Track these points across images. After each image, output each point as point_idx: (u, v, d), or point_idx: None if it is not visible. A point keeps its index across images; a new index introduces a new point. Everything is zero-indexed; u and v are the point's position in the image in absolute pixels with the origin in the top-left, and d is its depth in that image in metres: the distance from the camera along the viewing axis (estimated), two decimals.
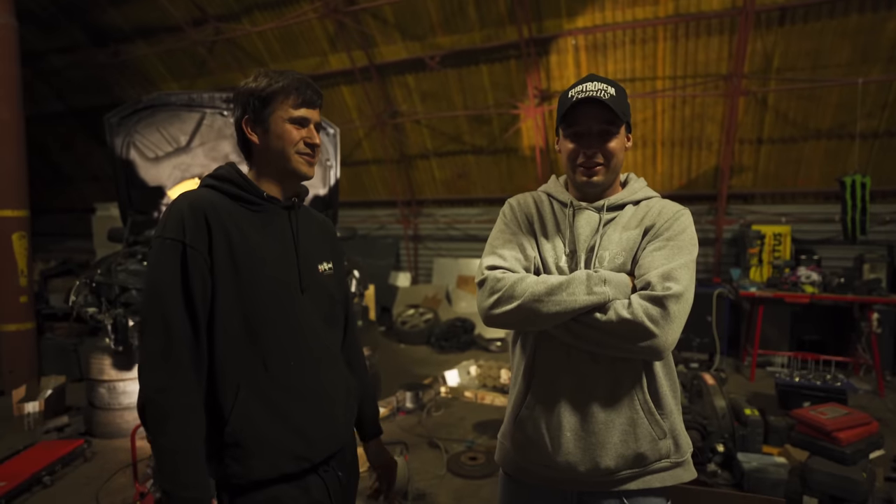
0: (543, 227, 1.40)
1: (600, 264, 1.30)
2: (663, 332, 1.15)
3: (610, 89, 1.28)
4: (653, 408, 1.27)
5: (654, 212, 1.33)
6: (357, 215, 8.66)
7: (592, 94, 1.26)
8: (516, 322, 1.28)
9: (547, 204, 1.44)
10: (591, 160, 1.31)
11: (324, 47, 7.05)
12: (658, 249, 1.24)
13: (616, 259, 1.30)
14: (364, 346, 4.51)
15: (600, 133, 1.29)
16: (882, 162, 5.60)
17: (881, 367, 4.85)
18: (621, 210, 1.37)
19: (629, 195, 1.39)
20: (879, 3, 4.83)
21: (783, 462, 3.17)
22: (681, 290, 1.16)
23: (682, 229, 1.28)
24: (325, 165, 4.03)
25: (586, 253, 1.33)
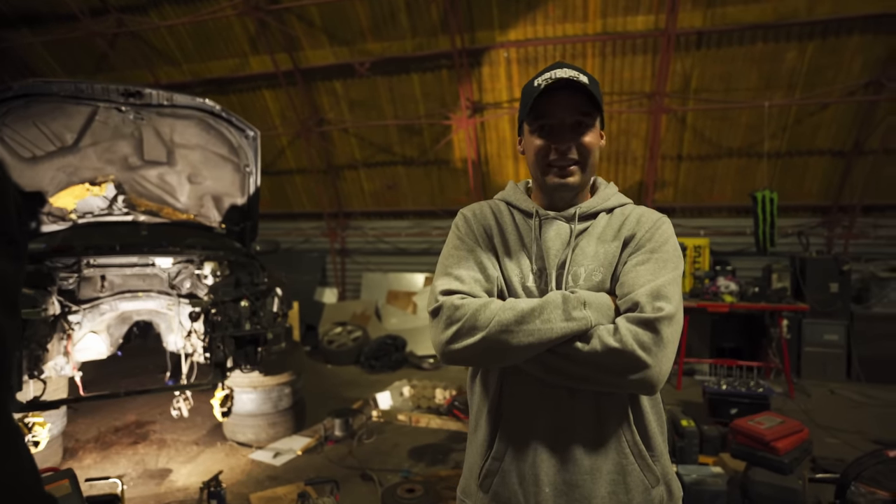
0: (505, 241, 1.19)
1: (574, 282, 1.11)
2: (657, 362, 0.97)
3: (582, 77, 1.09)
4: (643, 450, 1.08)
5: (632, 220, 1.15)
6: (280, 228, 8.13)
7: (564, 80, 1.07)
8: (481, 358, 1.06)
9: (507, 214, 1.22)
10: (564, 157, 1.11)
11: (244, 48, 6.57)
12: (642, 263, 1.07)
13: (593, 276, 1.11)
14: (287, 370, 4.12)
15: (574, 125, 1.10)
16: (784, 180, 6.05)
17: (789, 370, 5.15)
18: (594, 219, 1.18)
19: (602, 202, 1.19)
20: (780, 35, 5.22)
21: (720, 472, 3.18)
22: (673, 310, 1.00)
23: (665, 239, 1.12)
24: (244, 171, 3.64)
25: (557, 270, 1.13)
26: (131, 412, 4.71)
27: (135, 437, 4.20)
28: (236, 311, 3.21)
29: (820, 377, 5.58)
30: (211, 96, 7.12)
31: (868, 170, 5.69)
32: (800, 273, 5.73)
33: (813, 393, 5.19)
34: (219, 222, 3.93)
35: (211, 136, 3.42)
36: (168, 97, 3.11)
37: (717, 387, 4.21)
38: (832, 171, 5.93)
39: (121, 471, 3.63)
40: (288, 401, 4.16)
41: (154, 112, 3.15)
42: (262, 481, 3.50)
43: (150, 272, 3.63)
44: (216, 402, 3.58)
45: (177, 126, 3.29)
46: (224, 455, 3.91)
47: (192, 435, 4.26)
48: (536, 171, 1.16)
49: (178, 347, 3.71)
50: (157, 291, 3.63)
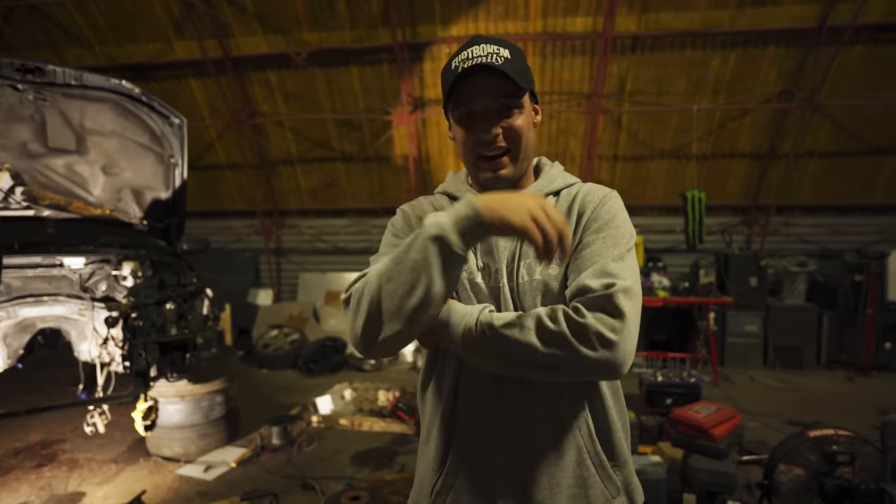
0: None
1: (529, 276, 1.01)
2: (622, 339, 0.86)
3: (503, 51, 0.99)
4: (604, 460, 1.01)
5: (578, 201, 1.05)
6: (210, 226, 7.63)
7: (482, 61, 0.96)
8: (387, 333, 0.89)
9: (448, 206, 1.11)
10: (492, 148, 1.01)
11: (167, 32, 6.09)
12: (588, 246, 0.98)
13: (549, 267, 1.01)
14: (219, 378, 3.84)
15: (500, 109, 0.99)
16: (710, 181, 6.41)
17: (716, 360, 5.46)
18: None
19: (547, 184, 1.10)
20: (706, 43, 5.53)
21: (660, 461, 3.28)
22: (627, 284, 0.90)
23: (613, 215, 1.02)
24: (168, 163, 3.34)
25: (507, 264, 1.03)
26: (36, 431, 4.22)
27: (39, 459, 3.75)
28: (160, 314, 2.92)
29: (741, 365, 5.96)
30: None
31: (781, 172, 6.14)
32: (724, 268, 6.10)
33: (736, 380, 5.53)
34: (140, 218, 3.58)
35: (129, 123, 3.10)
36: (77, 76, 2.77)
37: (653, 378, 4.38)
38: (751, 173, 6.35)
39: (22, 498, 3.23)
40: (220, 410, 3.88)
41: (59, 93, 2.80)
42: (191, 498, 3.23)
43: (57, 274, 3.23)
44: (138, 414, 3.25)
45: (88, 110, 2.95)
46: (147, 472, 3.57)
47: (109, 452, 3.86)
48: (467, 164, 1.07)
49: (93, 357, 3.33)
50: (65, 295, 3.24)
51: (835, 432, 2.76)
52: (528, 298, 1.01)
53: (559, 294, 1.00)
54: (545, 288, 1.00)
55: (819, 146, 6.06)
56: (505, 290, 1.02)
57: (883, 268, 5.70)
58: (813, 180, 6.32)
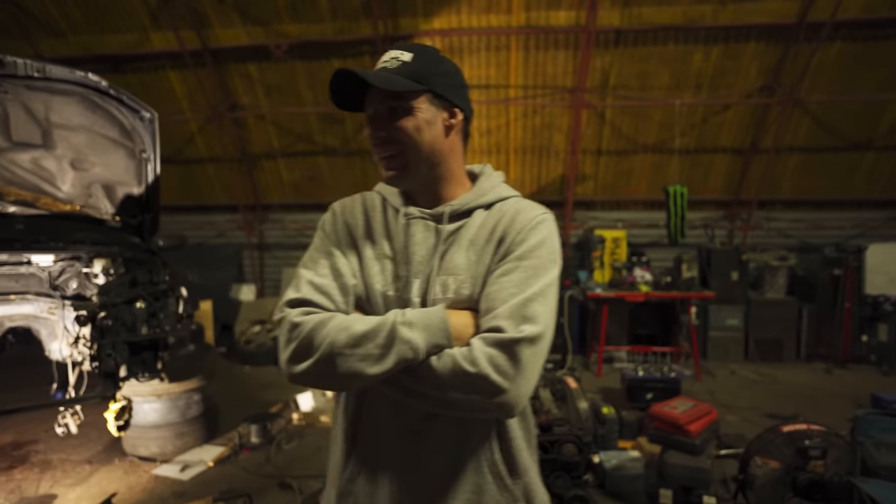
0: (371, 241, 1.06)
1: (444, 294, 0.99)
2: (514, 386, 0.88)
3: (405, 55, 0.98)
4: (502, 469, 1.01)
5: (506, 220, 1.02)
6: (191, 221, 7.52)
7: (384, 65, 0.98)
8: (322, 381, 0.96)
9: (380, 209, 1.09)
10: (380, 149, 0.99)
11: (143, 22, 5.95)
12: (507, 273, 0.95)
13: (462, 289, 0.98)
14: (196, 376, 3.78)
15: (388, 113, 0.98)
16: (692, 175, 6.44)
17: (697, 354, 5.50)
18: (469, 217, 1.04)
19: (477, 197, 1.06)
20: (689, 37, 5.52)
21: (638, 456, 3.30)
22: (538, 331, 0.90)
23: (539, 242, 0.98)
24: (140, 157, 3.26)
25: (423, 279, 1.00)
26: (8, 432, 4.13)
27: (10, 461, 3.67)
28: (130, 313, 2.86)
29: (723, 359, 6.02)
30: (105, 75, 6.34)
31: (762, 167, 6.18)
32: (706, 263, 6.14)
33: (717, 374, 5.59)
34: (112, 214, 3.50)
35: (98, 117, 3.00)
36: (39, 68, 2.68)
37: (634, 373, 4.39)
38: (733, 167, 6.39)
39: None
40: (197, 408, 3.82)
41: (22, 85, 2.70)
42: (166, 499, 3.18)
43: (25, 271, 3.15)
44: (110, 415, 3.20)
45: (53, 103, 2.85)
46: (122, 473, 3.52)
47: (83, 453, 3.80)
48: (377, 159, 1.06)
49: (64, 356, 3.26)
50: (34, 293, 3.16)
51: (808, 427, 2.79)
52: None
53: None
54: (456, 308, 0.99)
55: (799, 141, 6.11)
56: (415, 304, 1.00)
57: (860, 262, 5.79)
58: (793, 175, 6.38)
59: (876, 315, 5.78)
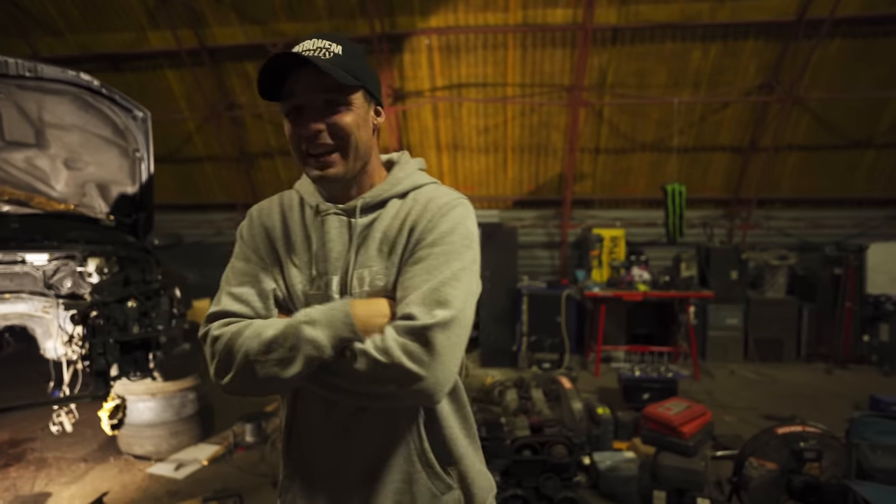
0: (289, 242, 1.05)
1: (360, 287, 0.99)
2: (431, 373, 0.88)
3: (335, 46, 0.95)
4: (431, 458, 1.02)
5: (417, 209, 1.01)
6: (189, 220, 7.53)
7: (309, 55, 0.91)
8: (249, 390, 0.96)
9: (297, 209, 1.07)
10: (315, 144, 0.96)
11: (141, 21, 5.95)
12: (419, 262, 0.95)
13: (377, 280, 0.99)
14: (191, 374, 3.78)
15: (326, 105, 0.95)
16: (691, 174, 6.41)
17: (696, 353, 5.48)
18: (383, 208, 1.04)
19: (391, 187, 1.05)
20: (687, 35, 5.49)
21: (632, 457, 3.29)
22: (450, 315, 0.89)
23: (451, 228, 0.98)
24: (133, 156, 3.25)
25: (341, 274, 1.01)
26: (4, 430, 4.14)
27: (6, 459, 3.69)
28: (122, 312, 2.86)
29: (722, 359, 6.00)
30: (104, 74, 6.44)
31: (762, 165, 6.15)
32: (705, 262, 6.11)
33: (716, 374, 5.56)
34: (106, 213, 3.50)
35: (91, 116, 3.00)
36: (31, 68, 2.67)
37: (630, 373, 4.37)
38: (732, 166, 6.36)
39: None
40: (192, 407, 3.83)
41: (14, 85, 2.70)
42: (160, 498, 3.19)
43: (19, 270, 3.15)
44: (104, 413, 3.20)
45: (46, 103, 2.85)
46: (117, 471, 3.53)
47: (79, 451, 3.81)
48: (296, 160, 1.02)
49: (59, 355, 3.27)
50: (28, 292, 3.17)
51: (803, 429, 2.78)
52: None
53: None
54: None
55: (799, 139, 6.07)
56: (335, 299, 1.00)
57: (861, 261, 5.75)
58: (793, 173, 6.34)
59: (877, 315, 5.74)
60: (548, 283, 6.24)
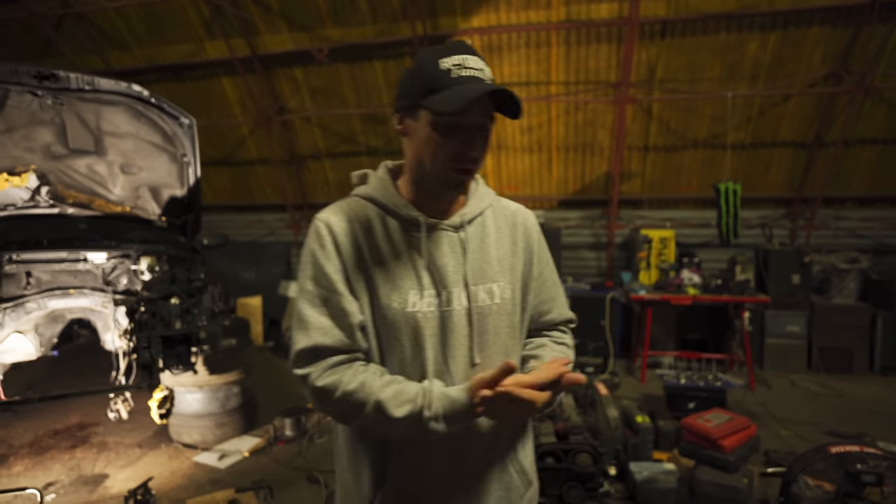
0: (379, 261, 1.02)
1: (491, 299, 1.04)
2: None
3: (487, 69, 0.99)
4: (524, 465, 1.14)
5: (520, 226, 1.16)
6: (243, 220, 7.90)
7: (477, 74, 0.95)
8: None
9: (378, 222, 1.05)
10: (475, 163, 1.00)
11: (199, 33, 6.29)
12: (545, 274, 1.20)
13: (505, 293, 1.07)
14: (236, 369, 3.96)
15: (482, 128, 0.98)
16: (749, 171, 6.03)
17: (751, 362, 5.15)
18: (479, 222, 1.10)
19: (480, 200, 1.11)
20: (742, 25, 5.17)
21: (672, 469, 3.13)
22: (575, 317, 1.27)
23: (545, 241, 1.23)
24: (181, 161, 3.45)
25: (460, 288, 1.04)
26: (75, 414, 4.51)
27: (74, 441, 4.01)
28: (166, 309, 3.04)
29: (782, 368, 5.61)
30: (166, 83, 6.87)
31: (829, 162, 5.70)
32: (763, 265, 5.74)
33: (774, 384, 5.21)
34: (158, 215, 3.73)
35: (142, 124, 3.22)
36: (89, 81, 2.90)
37: (675, 381, 4.18)
38: (795, 162, 5.93)
39: (54, 477, 3.45)
40: (236, 400, 4.01)
41: (75, 97, 2.93)
42: (203, 485, 3.36)
43: (81, 268, 3.42)
44: (153, 403, 3.42)
45: (103, 112, 3.08)
46: (167, 458, 3.75)
47: (136, 437, 4.08)
48: (433, 169, 1.00)
49: (116, 347, 3.52)
50: (90, 288, 3.43)
51: (861, 448, 2.54)
52: (489, 323, 1.05)
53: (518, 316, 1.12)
54: (505, 312, 1.08)
55: (873, 132, 5.57)
56: (459, 315, 1.03)
57: None
58: (866, 169, 5.82)
59: None
60: (592, 286, 6.07)
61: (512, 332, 1.09)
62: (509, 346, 1.09)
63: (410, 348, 1.01)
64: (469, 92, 0.92)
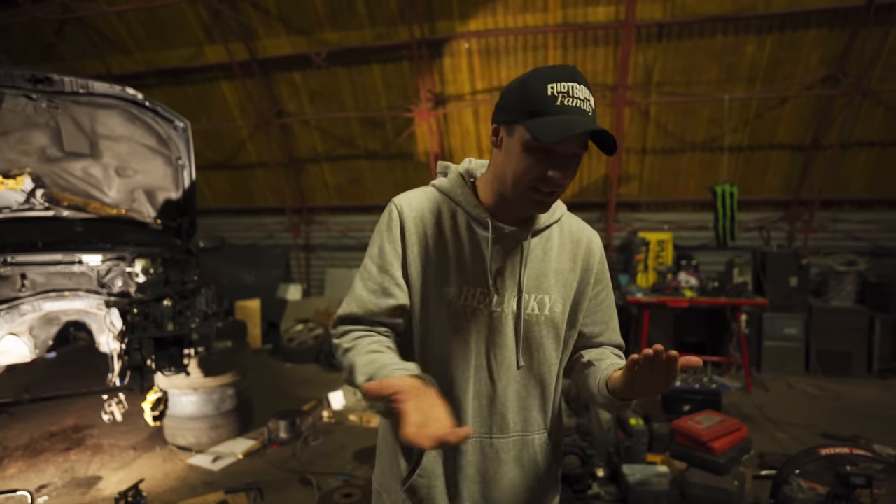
0: (442, 250, 1.08)
1: (541, 310, 1.07)
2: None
3: (592, 99, 0.99)
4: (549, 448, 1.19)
5: (584, 245, 1.15)
6: (243, 223, 7.93)
7: (582, 106, 0.95)
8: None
9: (448, 215, 1.09)
10: (560, 187, 1.00)
11: (198, 37, 6.33)
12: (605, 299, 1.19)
13: (555, 307, 1.09)
14: (231, 371, 3.97)
15: (574, 156, 0.99)
16: (746, 174, 6.03)
17: (748, 364, 5.13)
18: (546, 234, 1.12)
19: (551, 215, 1.12)
20: (739, 28, 5.17)
21: (665, 471, 3.12)
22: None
23: (607, 265, 1.22)
24: (177, 164, 3.47)
25: (511, 294, 1.07)
26: (71, 416, 4.52)
27: (69, 443, 4.02)
28: (159, 310, 3.05)
29: (779, 371, 5.59)
30: (166, 87, 6.91)
31: (826, 164, 5.69)
32: (761, 267, 5.73)
33: (771, 387, 5.19)
34: (154, 218, 3.75)
35: (137, 127, 3.24)
36: (83, 85, 2.92)
37: None
38: (793, 165, 5.92)
39: (47, 479, 3.46)
40: (231, 402, 4.02)
41: (70, 100, 2.96)
42: (196, 487, 3.36)
43: (76, 270, 3.43)
44: (147, 405, 3.43)
45: (98, 116, 3.10)
46: (161, 460, 3.75)
47: (130, 439, 4.09)
48: (514, 186, 1.01)
49: (111, 349, 3.53)
50: (85, 290, 3.45)
51: (850, 450, 2.53)
52: (535, 331, 1.08)
53: (564, 331, 1.13)
54: (552, 324, 1.10)
55: (870, 135, 5.56)
56: (507, 317, 1.07)
57: None
58: (864, 172, 5.81)
59: None
60: None
61: (556, 345, 1.12)
62: (552, 358, 1.12)
63: (454, 339, 1.06)
64: (571, 125, 0.93)
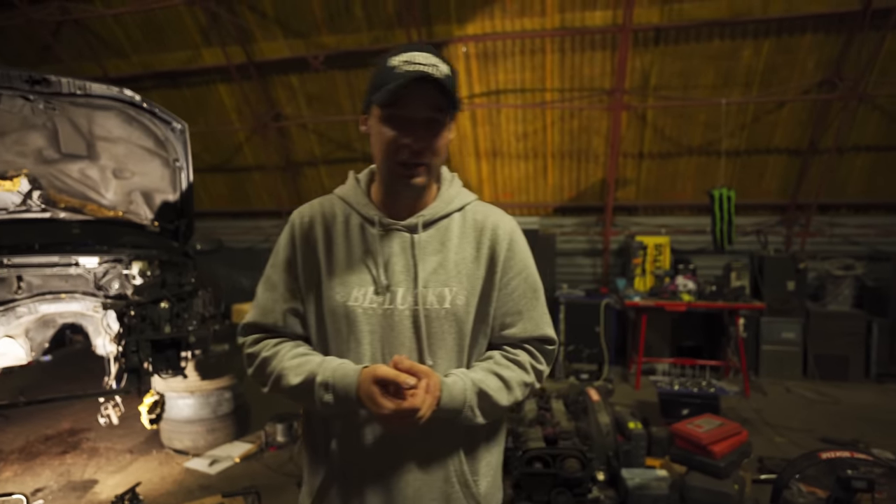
0: (331, 254, 1.07)
1: (440, 303, 1.02)
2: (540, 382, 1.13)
3: (443, 66, 0.98)
4: (469, 478, 1.06)
5: (489, 232, 1.08)
6: (240, 226, 7.90)
7: (427, 70, 0.94)
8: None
9: (341, 218, 1.09)
10: (415, 156, 0.98)
11: (195, 40, 6.33)
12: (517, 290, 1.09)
13: (458, 300, 1.02)
14: (228, 374, 3.95)
15: (427, 122, 0.97)
16: (743, 178, 6.05)
17: (746, 368, 5.14)
18: (442, 225, 1.08)
19: (445, 205, 1.09)
20: (736, 32, 5.20)
21: (664, 475, 3.11)
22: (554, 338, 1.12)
23: (527, 253, 1.13)
24: (174, 166, 3.46)
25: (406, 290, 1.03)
26: (67, 419, 4.49)
27: (65, 447, 3.98)
28: (156, 313, 3.03)
29: (777, 375, 5.59)
30: (163, 90, 6.90)
31: (823, 168, 5.71)
32: (758, 271, 5.74)
33: (769, 391, 5.19)
34: (151, 220, 3.74)
35: (134, 129, 3.23)
36: (81, 86, 2.91)
37: (669, 387, 4.17)
38: (790, 169, 5.95)
39: (43, 483, 3.43)
40: (228, 406, 3.99)
41: (67, 102, 2.95)
42: (192, 491, 3.34)
43: (73, 272, 3.41)
44: (143, 408, 3.40)
45: (95, 117, 3.09)
46: (158, 464, 3.73)
47: (127, 443, 4.06)
48: (383, 165, 1.03)
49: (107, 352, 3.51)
50: (81, 292, 3.42)
51: (851, 454, 2.53)
52: (435, 325, 1.02)
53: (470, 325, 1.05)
54: (455, 318, 1.03)
55: (867, 139, 5.59)
56: (403, 315, 1.02)
57: None
58: (861, 176, 5.84)
59: None
60: (587, 292, 6.06)
61: (460, 340, 1.05)
62: (456, 354, 1.06)
63: (349, 341, 1.04)
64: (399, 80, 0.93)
